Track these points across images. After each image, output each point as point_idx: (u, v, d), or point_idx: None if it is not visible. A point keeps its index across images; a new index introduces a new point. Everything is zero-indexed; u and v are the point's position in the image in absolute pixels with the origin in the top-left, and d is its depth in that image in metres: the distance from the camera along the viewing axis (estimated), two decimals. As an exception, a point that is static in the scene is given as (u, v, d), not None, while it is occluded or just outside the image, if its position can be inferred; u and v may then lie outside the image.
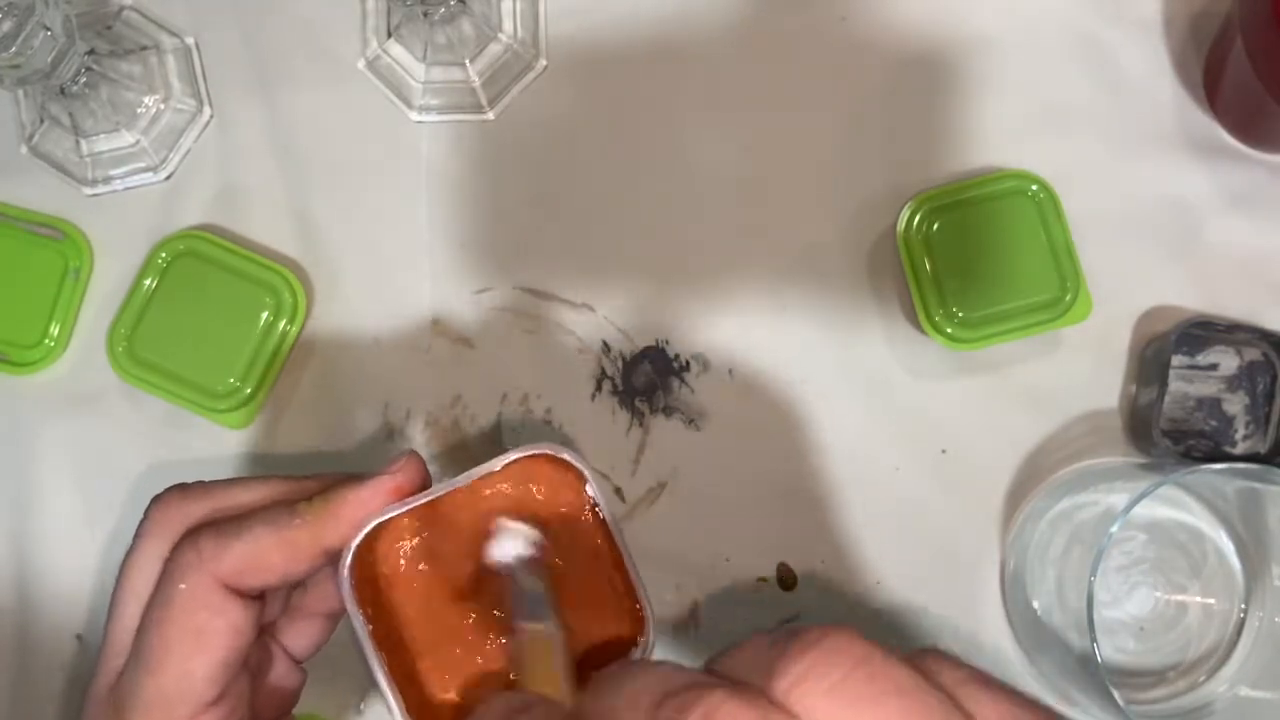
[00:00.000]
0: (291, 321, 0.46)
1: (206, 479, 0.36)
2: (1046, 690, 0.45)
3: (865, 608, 0.46)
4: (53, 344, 0.47)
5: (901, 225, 0.45)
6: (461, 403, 0.47)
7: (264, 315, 0.46)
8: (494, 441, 0.47)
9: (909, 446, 0.47)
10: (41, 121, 0.47)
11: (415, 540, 0.36)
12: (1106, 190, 0.47)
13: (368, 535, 0.34)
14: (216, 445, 0.47)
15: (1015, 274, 0.45)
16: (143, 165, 0.48)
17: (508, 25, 0.48)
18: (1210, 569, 0.45)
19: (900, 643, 0.46)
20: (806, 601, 0.46)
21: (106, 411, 0.47)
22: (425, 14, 0.46)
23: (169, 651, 0.32)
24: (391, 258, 0.48)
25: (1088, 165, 0.47)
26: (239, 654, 0.33)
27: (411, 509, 0.34)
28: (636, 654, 0.35)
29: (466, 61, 0.47)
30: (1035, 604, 0.44)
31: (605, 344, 0.47)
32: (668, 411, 0.47)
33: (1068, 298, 0.45)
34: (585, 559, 0.36)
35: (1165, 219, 0.47)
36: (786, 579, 0.46)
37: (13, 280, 0.47)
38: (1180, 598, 0.45)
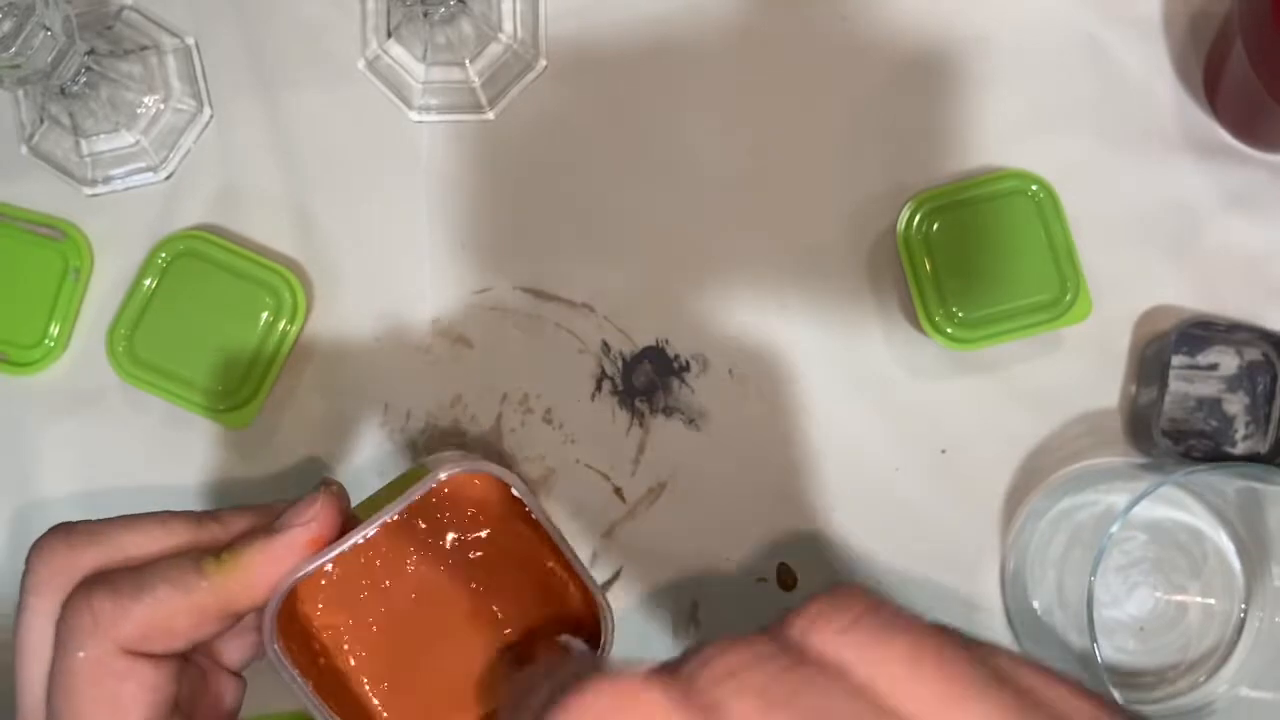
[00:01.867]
0: (291, 321, 0.46)
1: (107, 514, 0.33)
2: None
3: (865, 608, 0.46)
4: (53, 344, 0.47)
5: (901, 225, 0.45)
6: (461, 403, 0.47)
7: (264, 315, 0.46)
8: (494, 441, 0.47)
9: (909, 446, 0.47)
10: (41, 121, 0.47)
11: (335, 570, 0.33)
12: (1106, 190, 0.47)
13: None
14: (216, 445, 0.47)
15: (1015, 274, 0.45)
16: (143, 165, 0.48)
17: (508, 25, 0.48)
18: (1210, 569, 0.45)
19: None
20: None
21: (106, 411, 0.47)
22: (425, 14, 0.46)
23: None
24: (391, 258, 0.48)
25: (1088, 165, 0.47)
26: (163, 707, 0.30)
27: (326, 561, 0.31)
28: (601, 652, 0.34)
29: (466, 61, 0.48)
30: (1035, 604, 0.44)
31: (605, 344, 0.47)
32: (668, 411, 0.47)
33: (1068, 298, 0.45)
34: (524, 565, 0.35)
35: (1165, 219, 0.47)
36: (786, 579, 0.46)
37: (13, 280, 0.47)
38: (1180, 598, 0.45)
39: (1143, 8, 0.48)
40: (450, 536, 0.34)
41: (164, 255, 0.46)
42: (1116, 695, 0.38)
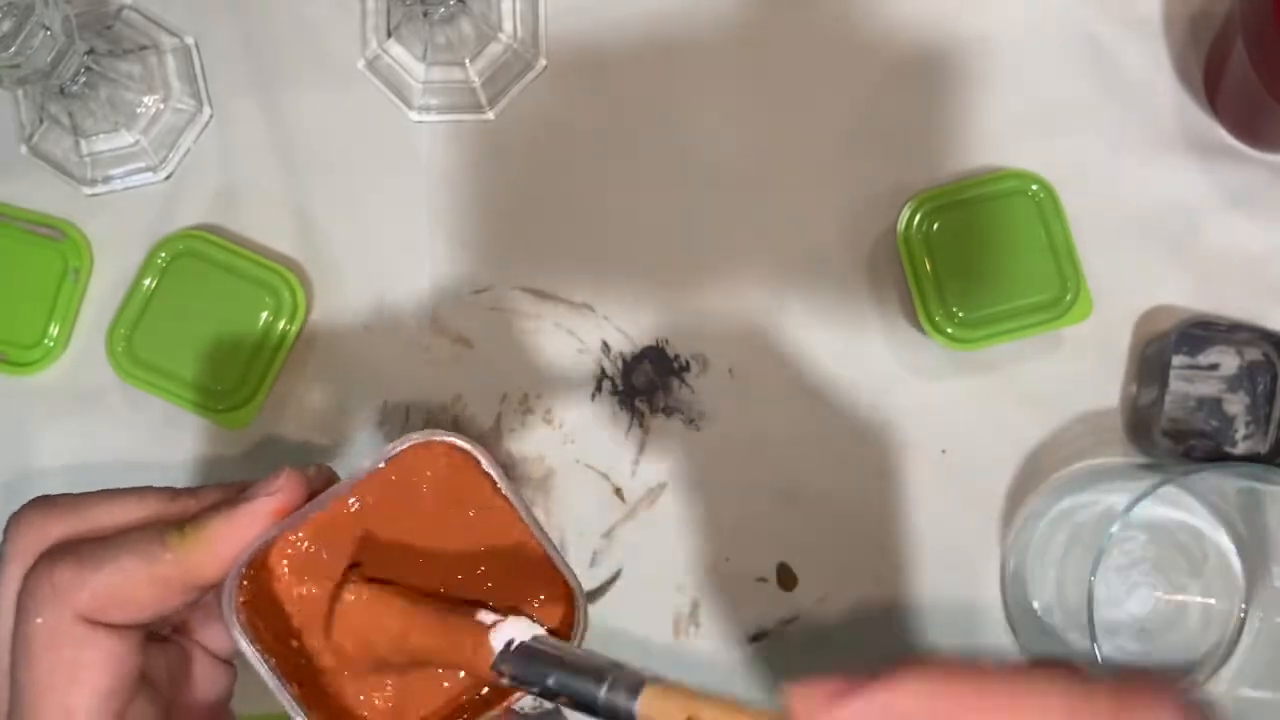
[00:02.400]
0: (291, 321, 0.46)
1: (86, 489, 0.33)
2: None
3: (865, 608, 0.46)
4: (52, 344, 0.47)
5: (901, 225, 0.45)
6: (461, 402, 0.47)
7: (263, 315, 0.46)
8: (494, 441, 0.47)
9: (909, 446, 0.47)
10: (41, 121, 0.47)
11: (306, 545, 0.33)
12: (1106, 190, 0.47)
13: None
14: (216, 445, 0.47)
15: (1015, 274, 0.45)
16: (142, 165, 0.48)
17: (508, 25, 0.48)
18: (1210, 569, 0.45)
19: (901, 643, 0.46)
20: (806, 601, 0.46)
21: (106, 411, 0.47)
22: (425, 14, 0.46)
23: (42, 690, 0.29)
24: (391, 258, 0.48)
25: (1088, 165, 0.47)
26: (125, 679, 0.30)
27: (290, 529, 0.31)
28: (577, 631, 0.34)
29: (466, 61, 0.47)
30: (1035, 604, 0.44)
31: (605, 344, 0.47)
32: (668, 411, 0.47)
33: (1068, 298, 0.45)
34: (499, 545, 0.34)
35: (1165, 219, 0.47)
36: (786, 579, 0.46)
37: (12, 280, 0.47)
38: (1180, 598, 0.45)
39: (1143, 8, 0.48)
40: (426, 514, 0.33)
41: (164, 255, 0.46)
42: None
